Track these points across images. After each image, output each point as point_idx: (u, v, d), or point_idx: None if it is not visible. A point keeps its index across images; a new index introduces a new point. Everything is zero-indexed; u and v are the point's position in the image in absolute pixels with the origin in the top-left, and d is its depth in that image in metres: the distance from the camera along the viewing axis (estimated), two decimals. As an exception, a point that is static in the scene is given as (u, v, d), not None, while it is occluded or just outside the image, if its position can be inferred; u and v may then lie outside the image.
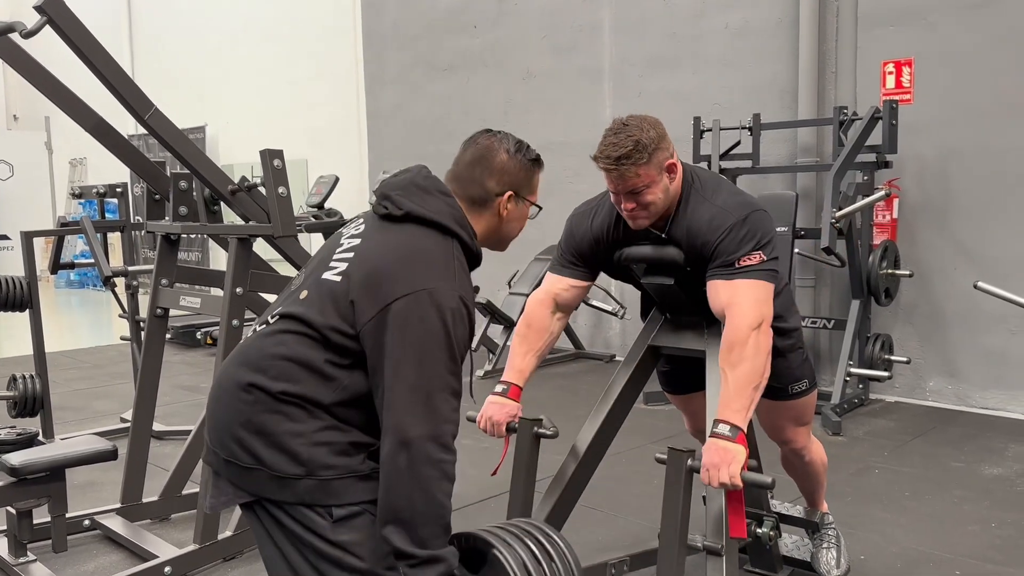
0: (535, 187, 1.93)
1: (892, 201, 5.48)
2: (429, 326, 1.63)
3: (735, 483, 1.99)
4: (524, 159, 1.89)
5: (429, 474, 1.58)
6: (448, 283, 1.68)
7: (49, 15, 2.70)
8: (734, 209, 2.21)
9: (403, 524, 1.59)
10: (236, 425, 1.69)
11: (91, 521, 3.58)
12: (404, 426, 1.58)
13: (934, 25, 5.32)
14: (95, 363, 7.60)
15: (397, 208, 1.76)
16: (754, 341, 2.10)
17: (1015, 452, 4.49)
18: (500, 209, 1.86)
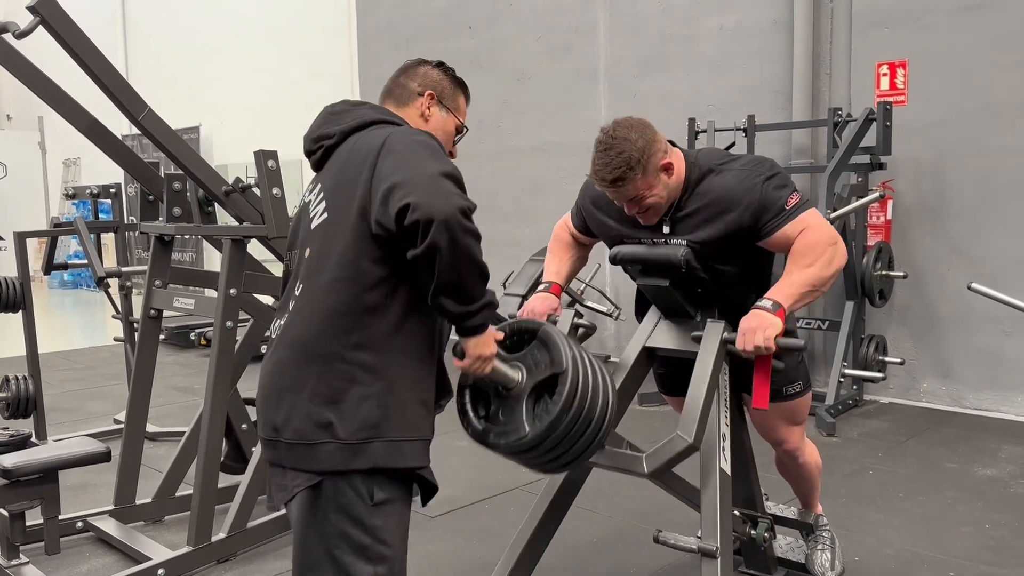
0: (460, 107, 2.01)
1: (886, 203, 5.49)
2: (414, 138, 1.73)
3: (768, 346, 2.09)
4: (448, 74, 2.00)
5: (468, 243, 1.62)
6: (410, 130, 1.79)
7: (42, 15, 2.69)
8: (756, 167, 2.28)
9: (456, 291, 1.65)
10: (304, 402, 1.70)
11: (84, 523, 3.57)
12: (430, 209, 1.58)
13: (928, 27, 5.34)
14: (88, 364, 7.57)
15: (329, 138, 1.84)
16: (830, 254, 2.20)
17: (1008, 453, 4.50)
18: (423, 109, 1.93)
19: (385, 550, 1.74)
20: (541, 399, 1.89)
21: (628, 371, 2.53)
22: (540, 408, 1.88)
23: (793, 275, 2.19)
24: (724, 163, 2.33)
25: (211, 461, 3.28)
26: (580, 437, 1.88)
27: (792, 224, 2.23)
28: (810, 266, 2.18)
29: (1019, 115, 5.05)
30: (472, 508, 3.80)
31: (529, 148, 7.61)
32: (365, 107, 1.88)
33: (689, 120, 5.92)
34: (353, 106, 1.89)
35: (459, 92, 2.02)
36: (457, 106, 2.00)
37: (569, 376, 1.84)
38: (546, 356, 1.90)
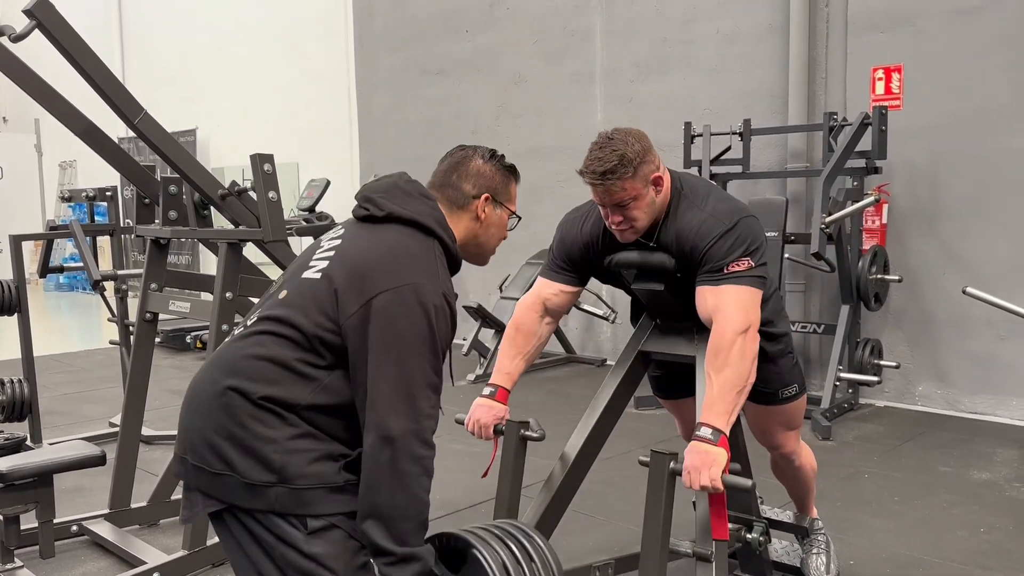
0: (512, 195, 1.97)
1: (881, 206, 5.51)
2: (413, 322, 1.64)
3: (716, 486, 2.01)
4: (499, 165, 1.94)
5: (410, 470, 1.59)
6: (431, 280, 1.70)
7: (38, 19, 2.69)
8: (723, 215, 2.22)
9: (383, 520, 1.59)
10: (208, 430, 1.67)
11: (79, 527, 3.56)
12: (387, 423, 1.59)
13: (923, 31, 5.36)
14: (84, 367, 7.56)
15: (379, 209, 1.78)
16: (740, 346, 2.11)
17: (1004, 457, 4.51)
18: (478, 212, 1.89)
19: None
20: None
21: (624, 375, 2.53)
22: None
23: (714, 386, 2.10)
24: (704, 199, 2.27)
25: (206, 465, 3.27)
26: None
27: (711, 289, 2.18)
28: (723, 368, 2.09)
29: (1014, 119, 5.07)
30: (468, 512, 3.79)
31: (525, 151, 7.61)
32: (427, 204, 1.82)
33: (685, 124, 5.94)
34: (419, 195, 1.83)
35: (511, 181, 1.97)
36: (510, 197, 1.97)
37: None
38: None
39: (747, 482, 2.04)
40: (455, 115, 8.16)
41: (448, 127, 8.19)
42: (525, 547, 1.77)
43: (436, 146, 8.14)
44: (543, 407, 5.37)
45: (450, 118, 8.20)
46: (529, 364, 2.54)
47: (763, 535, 2.61)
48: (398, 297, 1.65)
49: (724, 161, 5.88)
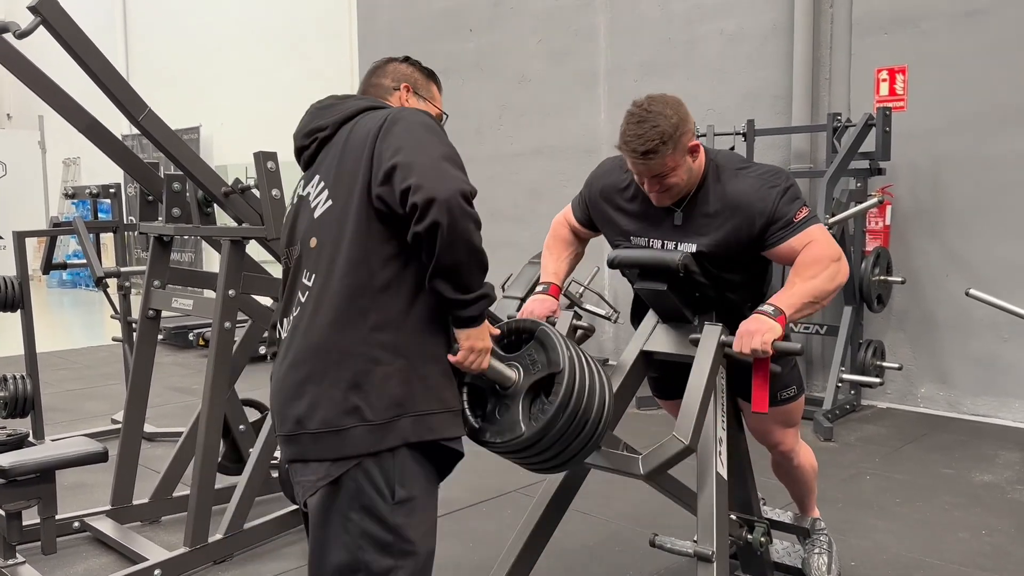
0: (435, 95, 2.07)
1: (885, 208, 5.50)
2: (410, 125, 1.73)
3: (766, 350, 2.10)
4: (417, 65, 2.06)
5: (466, 226, 1.65)
6: (410, 110, 1.82)
7: (43, 16, 2.69)
8: (773, 177, 2.31)
9: (452, 275, 1.67)
10: (327, 390, 1.70)
11: (81, 523, 3.57)
12: (432, 190, 1.62)
13: (928, 33, 5.35)
14: (86, 364, 7.57)
15: (323, 130, 1.86)
16: (833, 269, 2.22)
17: (1006, 459, 4.51)
18: (401, 101, 1.98)
19: (408, 547, 1.74)
20: (538, 399, 1.90)
21: (626, 375, 2.53)
22: (536, 408, 1.89)
23: (796, 285, 2.20)
24: (742, 168, 2.34)
25: (208, 462, 3.28)
26: (576, 437, 1.89)
27: (798, 237, 2.26)
28: (813, 278, 2.20)
29: (1018, 121, 5.06)
30: (469, 511, 3.80)
31: (528, 151, 7.61)
32: (353, 99, 1.91)
33: (689, 124, 5.93)
34: (341, 99, 1.91)
35: (431, 81, 2.07)
36: (432, 95, 2.06)
37: (566, 376, 1.85)
38: (543, 356, 1.91)
39: (796, 346, 2.14)
40: (458, 114, 8.12)
41: (451, 127, 8.05)
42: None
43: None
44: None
45: (453, 117, 8.07)
46: (571, 269, 2.68)
47: (764, 536, 2.61)
48: (393, 116, 1.76)
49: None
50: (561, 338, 1.92)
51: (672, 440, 2.19)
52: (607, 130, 7.01)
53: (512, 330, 2.01)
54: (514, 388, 1.91)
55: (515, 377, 1.91)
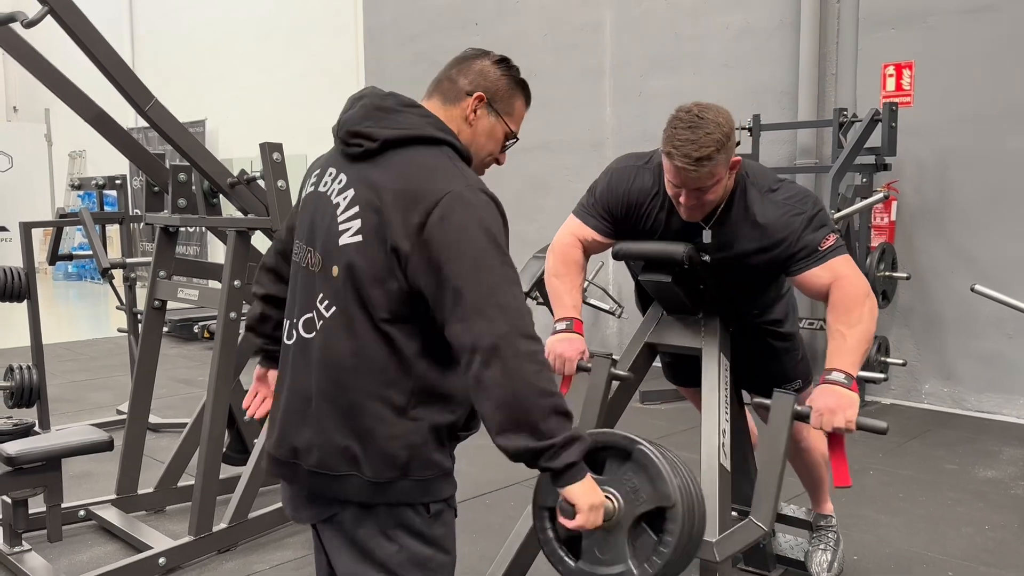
0: (515, 111, 1.76)
1: (890, 204, 5.49)
2: (468, 229, 1.51)
3: (850, 428, 2.01)
4: (506, 71, 1.74)
5: (528, 368, 1.47)
6: (460, 181, 1.56)
7: (51, 5, 2.70)
8: (802, 202, 2.24)
9: (523, 425, 1.47)
10: (330, 433, 1.60)
11: (86, 511, 3.59)
12: (485, 334, 1.46)
13: (935, 28, 5.33)
14: (92, 355, 7.60)
15: (372, 141, 1.59)
16: (870, 306, 2.18)
17: (1009, 455, 4.50)
18: (468, 111, 1.69)
19: (444, 558, 1.68)
20: (642, 533, 1.78)
21: (630, 368, 2.53)
22: (642, 543, 1.77)
23: (846, 338, 2.13)
24: (772, 190, 2.26)
25: (213, 452, 3.30)
26: (685, 565, 1.80)
27: (821, 268, 2.20)
28: (859, 323, 2.13)
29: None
30: (471, 503, 3.81)
31: (534, 146, 7.60)
32: (415, 113, 1.64)
33: (694, 119, 5.91)
34: (403, 106, 1.65)
35: (517, 95, 1.76)
36: (511, 110, 1.75)
37: (680, 513, 1.73)
38: (646, 485, 1.77)
39: (882, 424, 2.02)
40: (464, 108, 8.15)
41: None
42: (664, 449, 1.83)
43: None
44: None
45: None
46: (581, 297, 2.53)
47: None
48: (445, 211, 1.51)
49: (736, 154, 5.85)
50: (664, 460, 1.77)
51: (750, 525, 2.09)
52: (612, 124, 7.00)
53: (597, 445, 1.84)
54: (614, 521, 1.76)
55: (613, 508, 1.75)
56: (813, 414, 2.05)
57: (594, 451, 1.85)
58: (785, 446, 2.09)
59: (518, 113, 1.77)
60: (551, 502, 1.84)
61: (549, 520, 1.86)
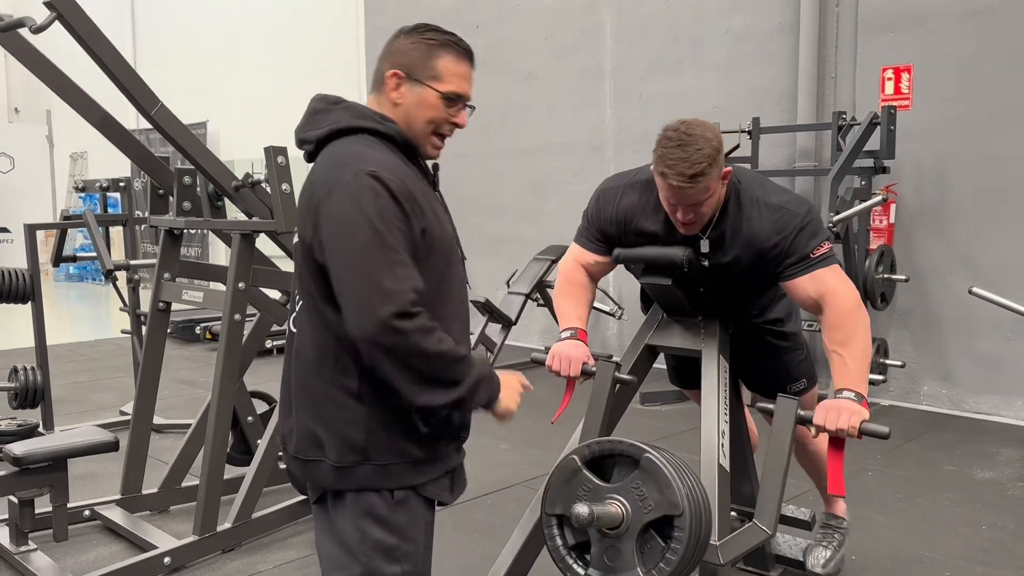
0: (441, 73, 1.69)
1: (889, 206, 5.52)
2: (344, 215, 1.56)
3: (852, 431, 2.03)
4: (418, 38, 1.71)
5: (411, 344, 1.54)
6: (356, 167, 1.59)
7: (59, 11, 2.73)
8: (794, 207, 2.25)
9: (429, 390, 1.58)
10: (301, 419, 1.70)
11: (91, 511, 3.62)
12: (362, 325, 1.53)
13: (933, 32, 5.36)
14: (94, 356, 7.63)
15: (310, 144, 1.71)
16: (861, 318, 2.19)
17: (1007, 456, 4.53)
18: (390, 91, 1.70)
19: (409, 547, 1.71)
20: (650, 540, 1.81)
21: (630, 369, 2.56)
22: (650, 549, 1.80)
23: (847, 359, 2.14)
24: (764, 196, 2.28)
25: (217, 452, 3.33)
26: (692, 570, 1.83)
27: (808, 278, 2.22)
28: (850, 341, 2.15)
29: (1022, 120, 5.07)
30: (473, 503, 3.84)
31: (534, 148, 7.64)
32: (339, 108, 1.72)
33: (694, 122, 5.94)
34: (331, 105, 1.73)
35: (436, 56, 1.70)
36: (435, 73, 1.69)
37: (688, 520, 1.76)
38: (654, 492, 1.80)
39: (884, 429, 2.03)
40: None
41: (458, 122, 8.22)
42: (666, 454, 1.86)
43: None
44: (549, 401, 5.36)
45: (460, 113, 8.22)
46: (589, 313, 2.56)
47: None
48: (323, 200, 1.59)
49: (733, 159, 5.87)
50: (671, 468, 1.80)
51: (753, 528, 2.11)
52: (612, 127, 7.03)
53: (604, 452, 1.89)
54: (622, 527, 1.80)
55: (622, 515, 1.80)
56: (817, 412, 2.08)
57: (601, 458, 1.89)
58: (789, 450, 2.11)
59: (447, 72, 1.70)
60: (560, 510, 1.87)
61: (558, 528, 1.89)
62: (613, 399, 2.42)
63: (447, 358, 1.58)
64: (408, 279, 1.56)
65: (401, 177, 1.61)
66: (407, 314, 1.54)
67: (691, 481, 1.83)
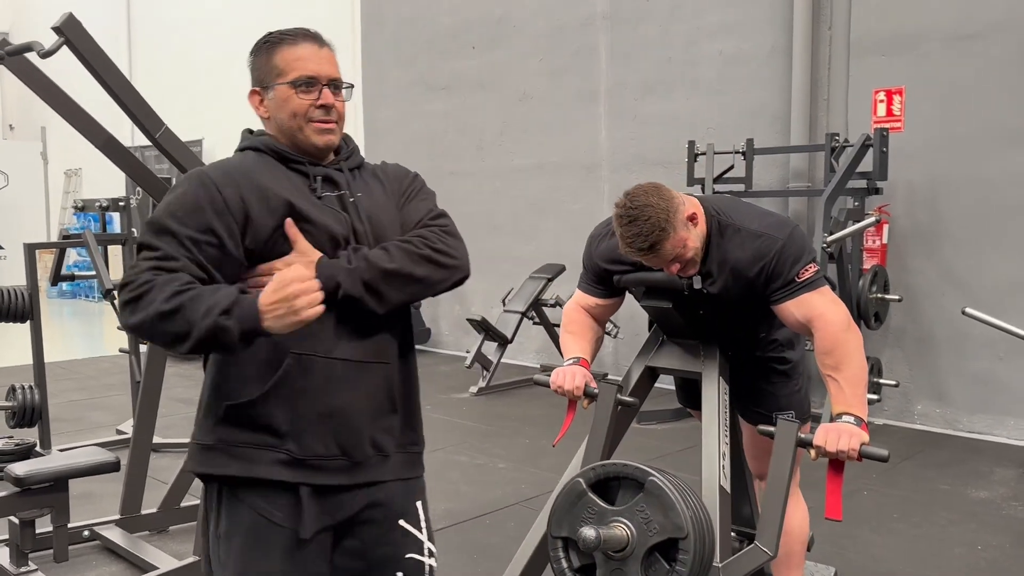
0: (279, 68, 1.65)
1: (882, 227, 5.58)
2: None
3: (852, 453, 2.02)
4: (257, 49, 1.70)
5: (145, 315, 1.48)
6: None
7: (67, 36, 2.76)
8: (775, 231, 2.25)
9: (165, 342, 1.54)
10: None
11: (91, 532, 3.62)
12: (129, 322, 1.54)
13: (925, 55, 5.45)
14: (89, 374, 7.61)
15: None
16: (852, 340, 2.18)
17: (1001, 476, 4.57)
18: (257, 110, 1.71)
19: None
20: (653, 560, 1.83)
21: (631, 390, 2.59)
22: (655, 571, 1.82)
23: (842, 382, 2.14)
24: (743, 223, 2.29)
25: (218, 472, 3.33)
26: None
27: (798, 301, 2.22)
28: (843, 365, 2.15)
29: (1014, 142, 5.15)
30: (472, 523, 3.85)
31: (530, 167, 7.70)
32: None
33: (689, 143, 6.01)
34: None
35: (272, 54, 1.67)
36: (276, 71, 1.65)
37: (692, 543, 1.78)
38: (659, 515, 1.81)
39: (884, 452, 2.00)
40: (460, 130, 8.25)
41: (453, 141, 8.29)
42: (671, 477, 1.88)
43: (440, 160, 8.32)
44: (546, 419, 5.42)
45: (455, 133, 8.29)
46: (595, 351, 2.56)
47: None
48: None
49: (727, 179, 5.96)
50: (676, 491, 1.81)
51: (755, 550, 2.10)
52: (607, 147, 7.10)
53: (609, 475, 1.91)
54: (628, 550, 1.81)
55: (627, 538, 1.81)
56: (818, 434, 2.08)
57: (606, 480, 1.92)
58: (790, 472, 2.13)
59: (286, 63, 1.65)
60: (565, 532, 1.88)
61: (563, 550, 1.91)
62: (615, 420, 2.44)
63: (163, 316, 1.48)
64: (148, 259, 1.54)
65: (228, 172, 1.61)
66: (129, 286, 1.52)
67: (695, 503, 1.86)
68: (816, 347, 2.21)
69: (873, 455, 2.03)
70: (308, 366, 1.60)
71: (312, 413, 1.61)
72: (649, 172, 6.11)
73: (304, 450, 1.61)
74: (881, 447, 2.04)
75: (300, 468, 1.61)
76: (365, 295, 1.60)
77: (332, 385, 1.62)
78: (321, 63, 1.68)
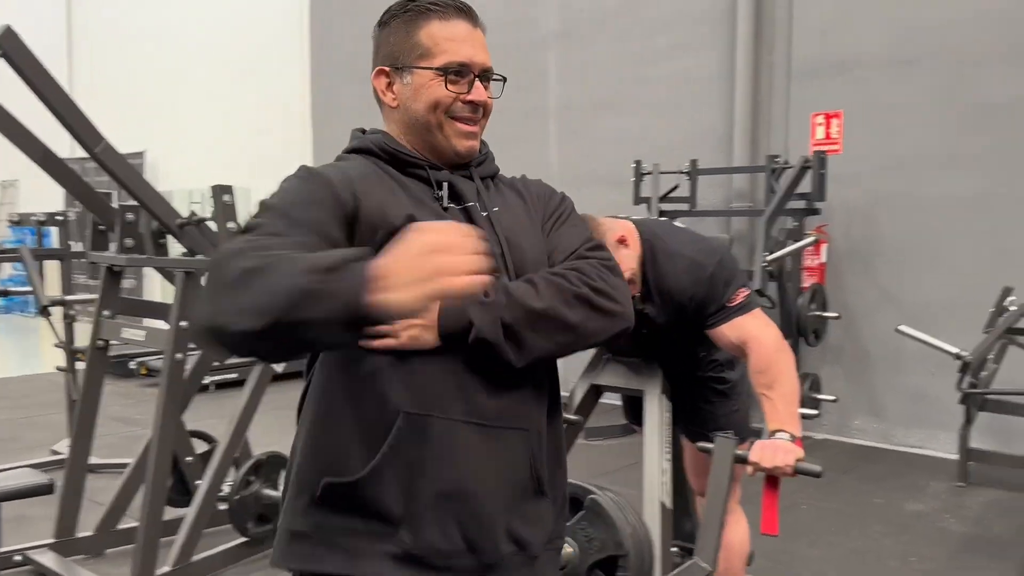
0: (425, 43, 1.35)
1: (821, 246, 5.72)
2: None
3: (787, 470, 2.05)
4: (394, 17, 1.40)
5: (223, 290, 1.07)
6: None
7: (4, 49, 2.71)
8: (705, 258, 2.28)
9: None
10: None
11: (23, 557, 3.50)
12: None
13: (862, 80, 5.62)
14: (23, 392, 7.37)
15: None
16: (784, 359, 2.23)
17: (935, 489, 4.70)
18: (383, 96, 1.42)
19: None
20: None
21: (576, 408, 2.61)
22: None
23: (776, 401, 2.18)
24: (675, 249, 2.32)
25: (157, 493, 3.26)
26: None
27: (731, 324, 2.26)
28: (776, 384, 2.19)
29: (947, 165, 5.33)
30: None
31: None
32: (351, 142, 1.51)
33: (635, 162, 6.10)
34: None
35: (416, 28, 1.35)
36: (422, 50, 1.34)
37: (632, 559, 1.80)
38: (601, 533, 1.82)
39: (817, 468, 2.03)
40: (410, 146, 8.24)
41: (402, 158, 8.26)
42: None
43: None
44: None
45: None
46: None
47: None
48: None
49: (672, 199, 6.05)
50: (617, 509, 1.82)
51: (695, 566, 2.12)
52: (557, 164, 7.15)
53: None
54: (569, 568, 1.81)
55: (569, 555, 1.80)
56: (753, 451, 2.12)
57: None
58: (727, 487, 2.17)
59: (431, 43, 1.35)
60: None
61: None
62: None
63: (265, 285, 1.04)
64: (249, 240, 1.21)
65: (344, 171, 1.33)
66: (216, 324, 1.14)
67: (635, 521, 1.89)
68: (751, 366, 2.25)
69: (807, 471, 2.07)
70: (424, 429, 1.23)
71: (429, 493, 1.23)
72: (599, 190, 6.18)
73: (420, 542, 1.24)
74: (816, 463, 2.09)
75: (414, 567, 1.24)
76: (503, 342, 1.23)
77: (455, 455, 1.24)
78: (476, 48, 1.36)
